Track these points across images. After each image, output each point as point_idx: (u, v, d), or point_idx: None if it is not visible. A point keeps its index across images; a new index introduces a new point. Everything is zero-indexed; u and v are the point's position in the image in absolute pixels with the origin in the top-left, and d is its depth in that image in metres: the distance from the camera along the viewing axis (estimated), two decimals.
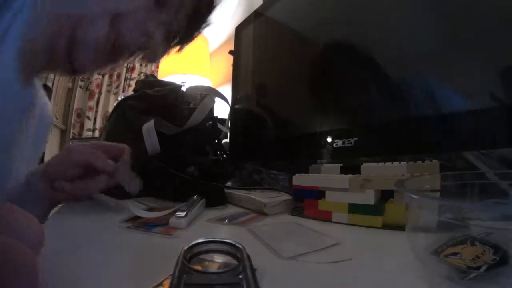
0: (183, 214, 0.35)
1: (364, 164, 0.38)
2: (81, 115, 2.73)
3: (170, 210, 0.39)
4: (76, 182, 0.39)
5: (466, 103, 0.33)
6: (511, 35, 0.29)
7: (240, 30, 0.76)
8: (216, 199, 0.48)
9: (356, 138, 0.42)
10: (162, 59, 0.40)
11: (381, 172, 0.36)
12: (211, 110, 0.68)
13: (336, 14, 0.51)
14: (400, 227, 0.24)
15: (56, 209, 0.43)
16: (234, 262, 0.18)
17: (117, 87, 2.76)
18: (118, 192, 0.43)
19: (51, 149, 1.83)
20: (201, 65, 1.80)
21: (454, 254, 0.20)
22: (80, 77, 2.70)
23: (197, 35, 0.43)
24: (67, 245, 0.28)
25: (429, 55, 0.37)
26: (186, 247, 0.19)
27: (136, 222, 0.36)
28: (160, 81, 0.72)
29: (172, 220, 0.34)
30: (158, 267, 0.21)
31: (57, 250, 0.26)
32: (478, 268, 0.18)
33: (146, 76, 0.83)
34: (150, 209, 0.42)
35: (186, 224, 0.34)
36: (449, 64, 0.35)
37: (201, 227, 0.35)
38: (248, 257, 0.18)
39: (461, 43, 0.34)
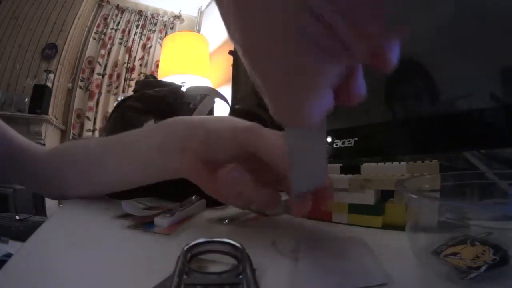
0: (168, 214, 0.35)
1: (364, 164, 0.38)
2: (81, 115, 2.73)
3: (162, 210, 0.38)
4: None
5: (466, 103, 0.33)
6: (511, 35, 0.29)
7: None
8: (216, 199, 0.48)
9: (356, 138, 0.42)
10: None
11: (381, 172, 0.36)
12: (211, 111, 0.68)
13: None
14: (400, 227, 0.24)
15: (55, 209, 0.43)
16: (234, 262, 0.18)
17: (117, 87, 2.76)
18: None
19: None
20: (201, 65, 1.80)
21: (454, 254, 0.19)
22: (80, 77, 2.71)
23: None
24: (66, 245, 0.28)
25: (429, 54, 0.37)
26: (186, 247, 0.19)
27: (135, 222, 0.36)
28: (160, 81, 0.72)
29: (157, 219, 0.34)
30: (158, 267, 0.21)
31: (56, 250, 0.26)
32: (478, 268, 0.18)
33: (146, 76, 0.83)
34: (149, 209, 0.42)
35: (169, 224, 0.34)
36: (449, 64, 0.35)
37: (201, 227, 0.35)
38: (248, 257, 0.18)
39: (461, 42, 0.34)
